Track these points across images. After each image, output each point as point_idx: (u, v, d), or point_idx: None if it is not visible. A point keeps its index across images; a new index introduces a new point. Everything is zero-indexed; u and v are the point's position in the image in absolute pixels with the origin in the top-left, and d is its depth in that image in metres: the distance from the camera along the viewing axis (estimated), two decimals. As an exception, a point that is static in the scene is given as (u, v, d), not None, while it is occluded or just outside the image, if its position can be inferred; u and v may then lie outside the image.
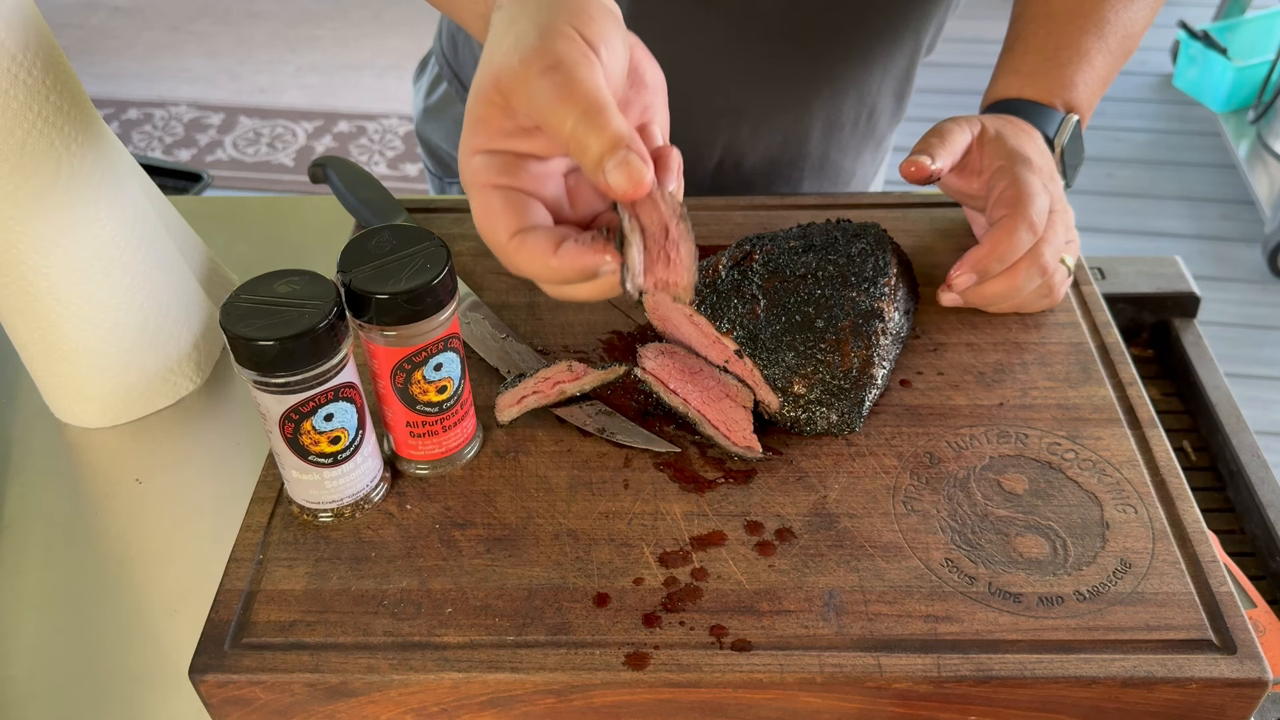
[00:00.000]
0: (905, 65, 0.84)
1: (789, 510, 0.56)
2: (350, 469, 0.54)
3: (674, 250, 0.44)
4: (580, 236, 0.45)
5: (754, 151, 0.85)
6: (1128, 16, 0.73)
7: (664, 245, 0.44)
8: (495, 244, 0.46)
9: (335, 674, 0.49)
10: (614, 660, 0.49)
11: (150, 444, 0.69)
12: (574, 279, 0.45)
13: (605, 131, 0.42)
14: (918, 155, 0.64)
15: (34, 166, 0.60)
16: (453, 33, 0.92)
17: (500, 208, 0.45)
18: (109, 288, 0.65)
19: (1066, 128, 0.71)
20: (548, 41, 0.43)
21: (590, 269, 0.44)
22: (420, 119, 0.99)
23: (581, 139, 0.42)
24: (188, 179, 1.60)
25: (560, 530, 0.55)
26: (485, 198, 0.46)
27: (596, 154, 0.42)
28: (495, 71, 0.44)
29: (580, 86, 0.42)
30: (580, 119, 0.42)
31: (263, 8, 3.31)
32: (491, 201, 0.46)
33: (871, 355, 0.59)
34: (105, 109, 2.88)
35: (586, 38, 0.44)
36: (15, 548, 0.63)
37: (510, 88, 0.44)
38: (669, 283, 0.44)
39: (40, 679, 0.57)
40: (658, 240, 0.44)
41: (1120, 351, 0.65)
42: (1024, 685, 0.49)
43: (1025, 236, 0.63)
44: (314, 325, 0.48)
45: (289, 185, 2.63)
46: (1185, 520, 0.55)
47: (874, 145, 0.92)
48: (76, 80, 0.63)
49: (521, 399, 0.60)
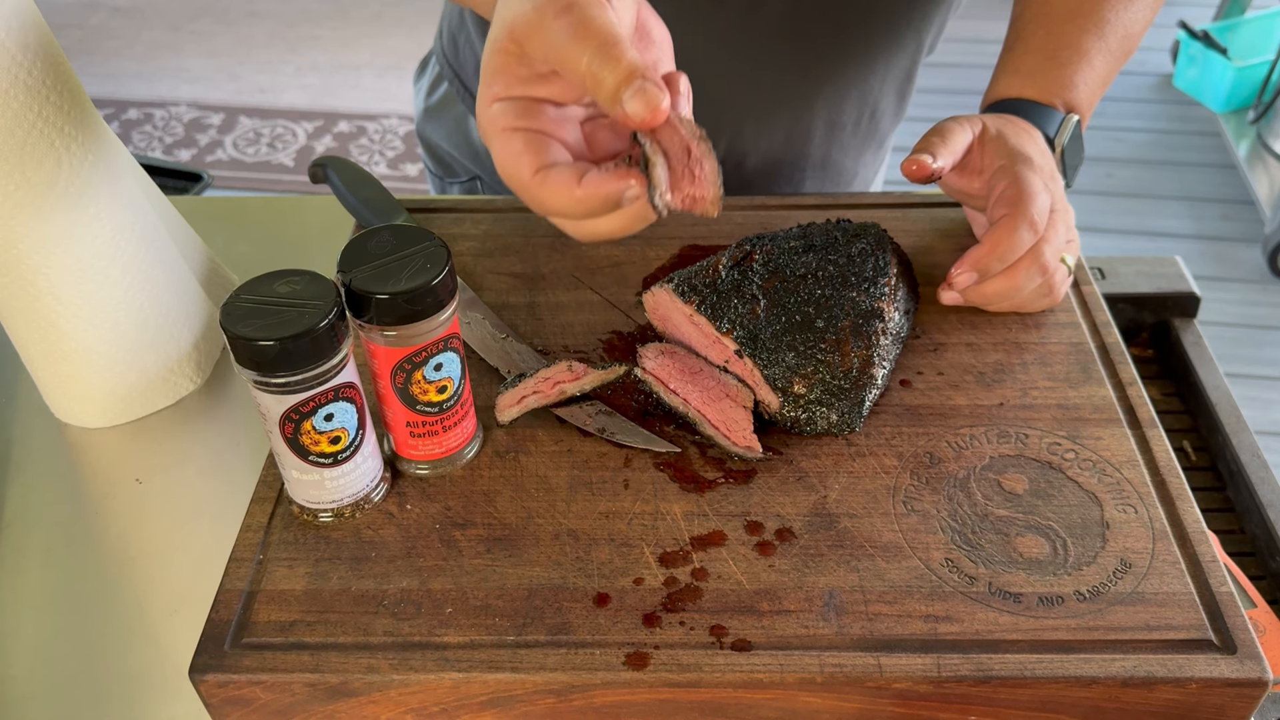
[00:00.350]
0: (907, 65, 0.84)
1: (789, 510, 0.56)
2: (350, 469, 0.54)
3: (697, 167, 0.45)
4: (603, 165, 0.46)
5: (755, 151, 0.85)
6: (1128, 17, 0.73)
7: (687, 164, 0.45)
8: (519, 182, 0.47)
9: (335, 674, 0.49)
10: (614, 660, 0.49)
11: (150, 444, 0.69)
12: (599, 209, 0.46)
13: (620, 64, 0.43)
14: (919, 154, 0.64)
15: (34, 166, 0.60)
16: (453, 32, 0.92)
17: (522, 147, 0.47)
18: (109, 288, 0.65)
19: (1067, 128, 0.71)
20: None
21: (615, 196, 0.45)
22: (421, 119, 0.99)
23: (597, 73, 0.43)
24: (188, 179, 1.60)
25: (560, 530, 0.55)
26: (506, 140, 0.47)
27: (613, 85, 0.43)
28: (510, 21, 0.45)
29: (593, 24, 0.43)
30: (595, 54, 0.43)
31: (263, 8, 3.31)
32: (513, 143, 0.47)
33: (871, 355, 0.59)
34: (105, 109, 2.88)
35: None
36: (15, 548, 0.63)
37: (525, 34, 0.45)
38: (696, 197, 0.45)
39: (40, 679, 0.57)
40: (681, 160, 0.45)
41: (1120, 351, 0.65)
42: (1024, 685, 0.49)
43: (1026, 235, 0.63)
44: (314, 325, 0.48)
45: (289, 185, 2.63)
46: (1185, 520, 0.55)
47: (875, 145, 0.92)
48: (76, 80, 0.63)
49: (521, 399, 0.60)
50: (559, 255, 0.73)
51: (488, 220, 0.76)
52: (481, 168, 0.95)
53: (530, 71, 0.47)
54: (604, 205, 0.46)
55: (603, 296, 0.70)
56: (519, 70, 0.47)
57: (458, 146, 0.95)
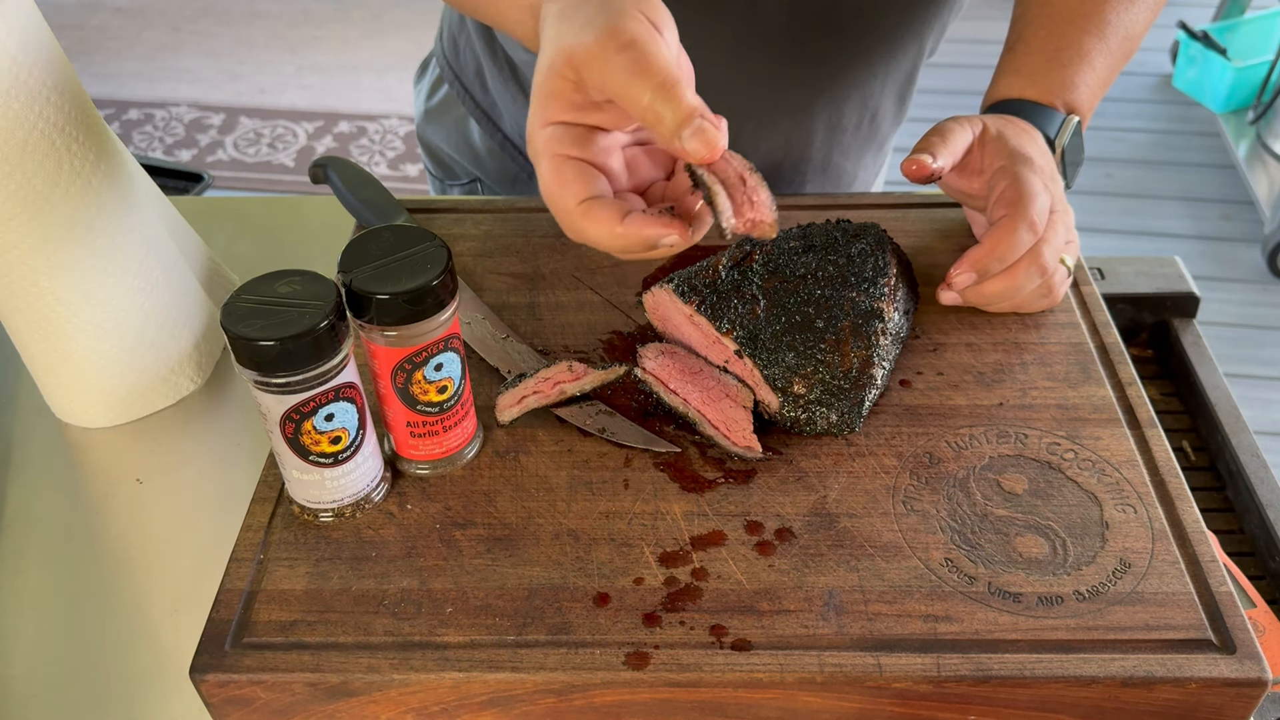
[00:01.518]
0: (908, 68, 0.84)
1: (789, 510, 0.56)
2: (351, 469, 0.55)
3: (754, 194, 0.49)
4: (648, 210, 0.49)
5: (756, 154, 0.85)
6: (1129, 18, 0.73)
7: (744, 191, 0.49)
8: (563, 209, 0.50)
9: (336, 674, 0.49)
10: (614, 660, 0.49)
11: (151, 444, 0.69)
12: (635, 249, 0.49)
13: (681, 104, 0.46)
14: (919, 154, 0.65)
15: (35, 167, 0.60)
16: (454, 35, 0.92)
17: (572, 177, 0.50)
18: (110, 288, 0.65)
19: (1067, 128, 0.71)
20: (620, 23, 0.47)
21: (652, 240, 0.49)
22: (421, 121, 0.99)
23: (659, 111, 0.46)
24: (188, 179, 1.61)
25: (560, 530, 0.55)
26: (558, 166, 0.50)
27: (673, 124, 0.46)
28: (568, 49, 0.48)
29: (654, 62, 0.46)
30: (656, 93, 0.46)
31: (263, 8, 3.31)
32: (564, 171, 0.50)
33: (871, 355, 0.59)
34: (106, 109, 2.88)
35: (652, 20, 0.48)
36: (15, 548, 0.63)
37: (584, 63, 0.47)
38: (756, 221, 0.49)
39: (40, 679, 0.57)
40: (738, 188, 0.49)
41: (1120, 351, 0.65)
42: (1024, 685, 0.49)
43: (1025, 236, 0.63)
44: (314, 325, 0.48)
45: (289, 185, 2.63)
46: (1185, 520, 0.55)
47: (876, 148, 0.92)
48: (77, 81, 0.63)
49: (522, 399, 0.60)
50: (559, 255, 0.73)
51: (488, 220, 0.76)
52: (481, 169, 0.94)
53: (585, 99, 0.49)
54: (641, 246, 0.49)
55: (603, 296, 0.70)
56: (574, 96, 0.49)
57: (458, 148, 0.95)
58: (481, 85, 0.90)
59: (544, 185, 0.51)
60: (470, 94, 0.91)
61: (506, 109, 0.90)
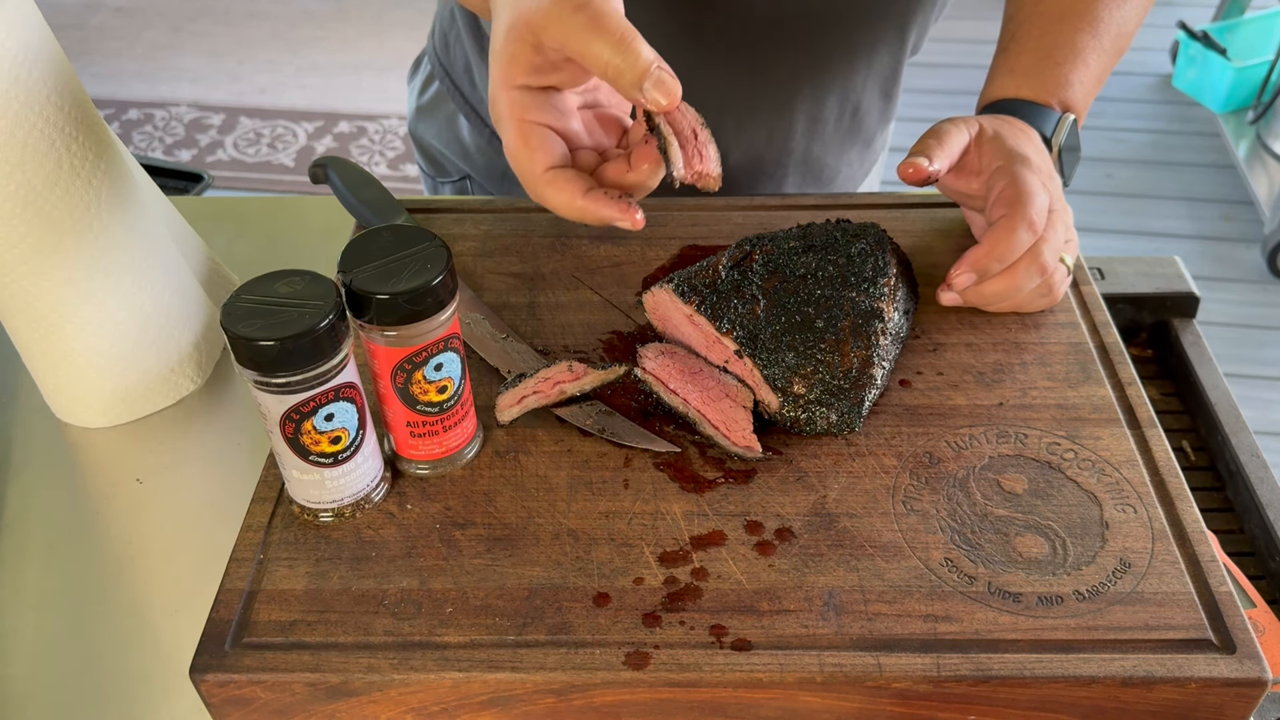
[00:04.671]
0: (890, 63, 0.84)
1: (789, 510, 0.56)
2: (351, 469, 0.55)
3: (703, 149, 0.54)
4: (609, 191, 0.53)
5: (738, 147, 0.85)
6: (1121, 15, 0.73)
7: (695, 145, 0.53)
8: (528, 174, 0.54)
9: (336, 674, 0.49)
10: (614, 660, 0.49)
11: (151, 444, 0.69)
12: (591, 222, 0.53)
13: (639, 57, 0.49)
14: (915, 157, 0.65)
15: (35, 167, 0.60)
16: (445, 32, 0.92)
17: (538, 143, 0.53)
18: (109, 288, 0.65)
19: (1063, 127, 0.71)
20: None
21: (607, 220, 0.53)
22: (413, 118, 0.99)
23: (618, 64, 0.49)
24: (188, 179, 1.60)
25: (560, 530, 0.55)
26: (525, 131, 0.53)
27: (633, 76, 0.50)
28: (526, 13, 0.51)
29: (609, 20, 0.50)
30: (614, 48, 0.49)
31: (263, 8, 3.31)
32: (531, 137, 0.53)
33: (871, 355, 0.59)
34: (106, 109, 2.88)
35: None
36: (15, 548, 0.63)
37: (541, 25, 0.50)
38: (702, 173, 0.54)
39: (40, 679, 0.57)
40: (690, 141, 0.53)
41: (1120, 351, 0.65)
42: (1024, 685, 0.49)
43: (1025, 236, 0.63)
44: (314, 325, 0.48)
45: (289, 185, 2.63)
46: (1185, 520, 0.55)
47: (861, 144, 0.92)
48: (77, 81, 0.63)
49: (521, 399, 0.60)
50: (559, 255, 0.73)
51: (488, 220, 0.76)
52: (472, 167, 0.95)
53: (544, 59, 0.52)
54: (597, 221, 0.53)
55: (603, 296, 0.70)
56: (534, 58, 0.52)
57: (448, 145, 0.95)
58: (470, 82, 0.90)
59: (510, 149, 0.54)
60: (460, 90, 0.92)
61: None
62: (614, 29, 0.49)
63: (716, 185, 0.54)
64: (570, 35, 0.50)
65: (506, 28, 0.52)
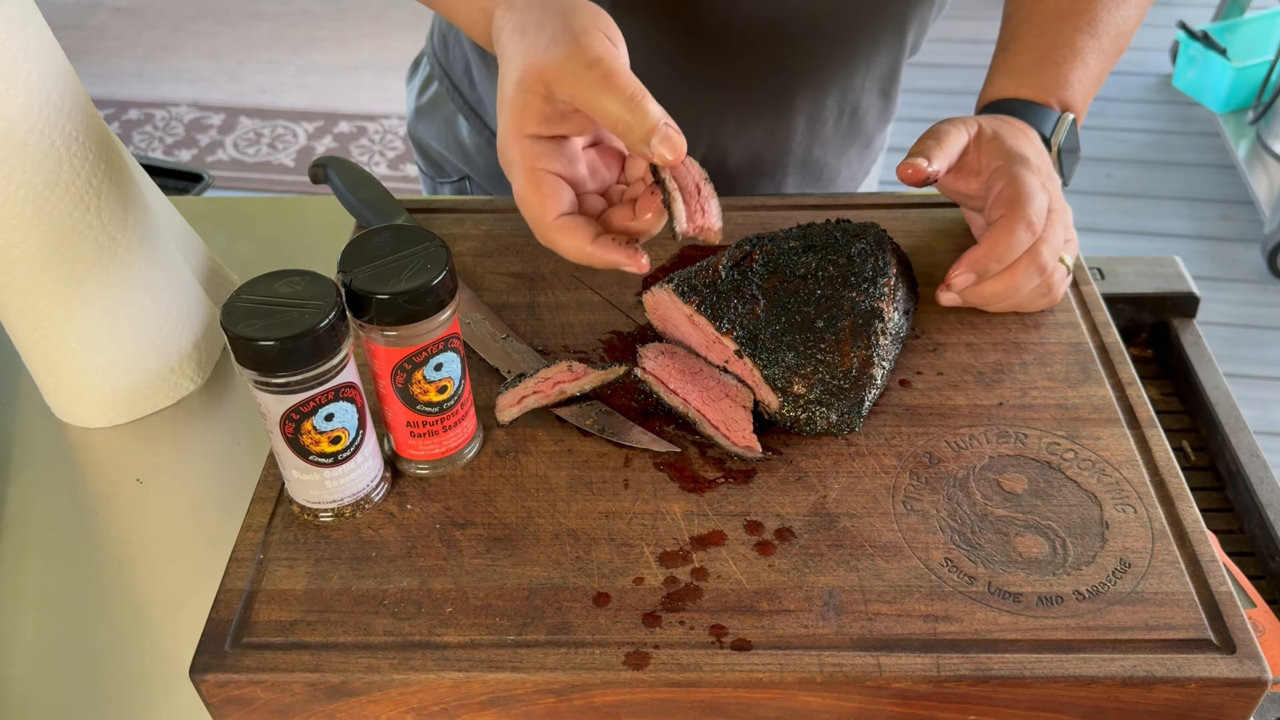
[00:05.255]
0: (889, 63, 0.84)
1: (789, 510, 0.56)
2: (351, 469, 0.55)
3: (705, 204, 0.56)
4: (617, 238, 0.55)
5: (738, 148, 0.85)
6: (1120, 14, 0.73)
7: (699, 200, 0.56)
8: (539, 220, 0.55)
9: (336, 674, 0.49)
10: (614, 660, 0.49)
11: (151, 444, 0.69)
12: (599, 266, 0.55)
13: (647, 115, 0.51)
14: (914, 158, 0.65)
15: (34, 167, 0.60)
16: (444, 33, 0.92)
17: (549, 191, 0.55)
18: (109, 288, 0.65)
19: (1062, 127, 0.71)
20: (585, 40, 0.52)
21: (615, 265, 0.55)
22: (412, 119, 0.99)
23: (628, 121, 0.51)
24: (188, 179, 1.60)
25: (560, 530, 0.55)
26: (536, 179, 0.55)
27: (642, 131, 0.51)
28: (538, 65, 0.53)
29: (619, 78, 0.52)
30: (624, 105, 0.51)
31: (263, 8, 3.31)
32: (542, 185, 0.55)
33: (871, 355, 0.59)
34: (106, 109, 2.88)
35: (610, 37, 0.53)
36: (15, 548, 0.63)
37: (555, 79, 0.52)
38: (704, 227, 0.55)
39: (40, 679, 0.57)
40: (693, 196, 0.55)
41: (1120, 351, 0.65)
42: (1024, 685, 0.49)
43: (1023, 236, 0.63)
44: (314, 325, 0.48)
45: (290, 185, 2.63)
46: (1185, 520, 0.55)
47: (861, 144, 0.92)
48: (77, 81, 0.63)
49: (521, 399, 0.60)
50: (558, 255, 0.73)
51: (488, 220, 0.76)
52: (471, 167, 0.95)
53: (554, 110, 0.54)
54: (604, 265, 0.55)
55: (603, 296, 0.70)
56: (545, 109, 0.54)
57: (447, 146, 0.95)
58: (470, 82, 0.90)
59: (520, 196, 0.55)
60: (459, 91, 0.92)
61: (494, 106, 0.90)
62: (625, 86, 0.51)
63: (717, 239, 0.56)
64: (582, 90, 0.52)
65: (518, 78, 0.54)
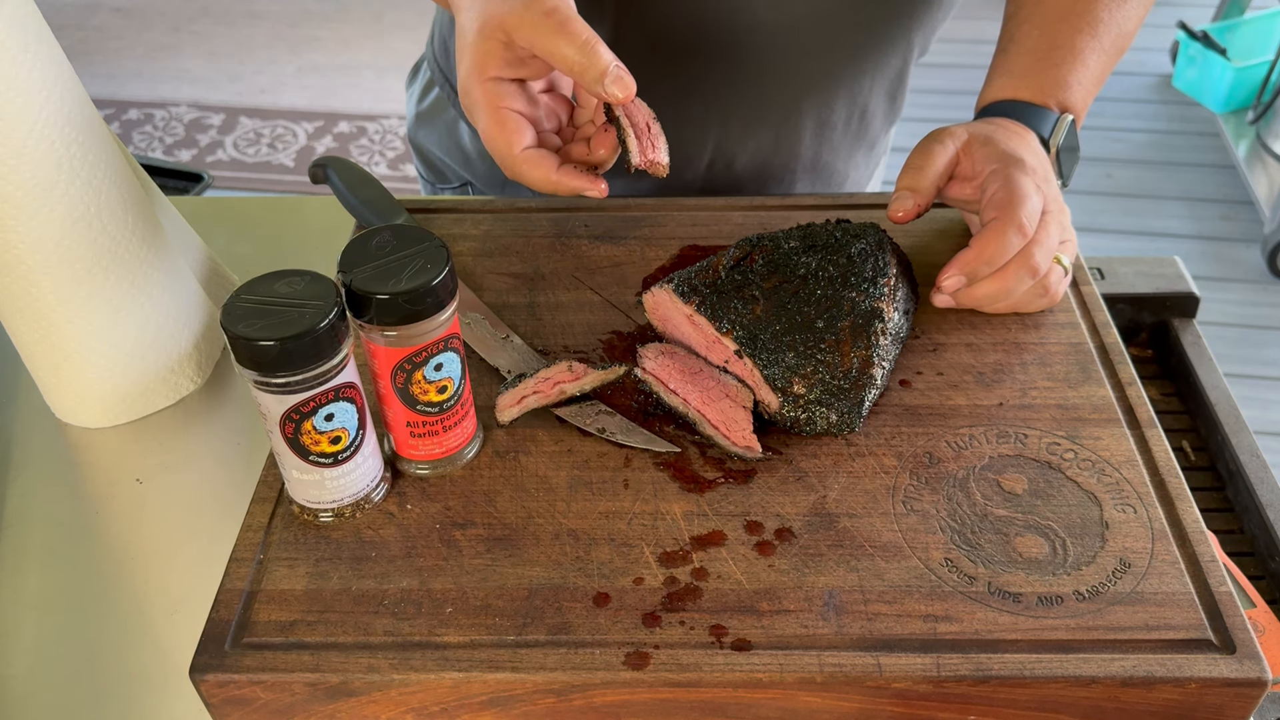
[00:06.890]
0: (898, 66, 0.84)
1: (789, 510, 0.56)
2: (351, 469, 0.55)
3: (655, 140, 0.62)
4: (578, 165, 0.63)
5: (745, 152, 0.85)
6: (1120, 15, 0.73)
7: (649, 136, 0.62)
8: (505, 154, 0.61)
9: (336, 674, 0.49)
10: (614, 660, 0.49)
11: (151, 444, 0.69)
12: (563, 193, 0.62)
13: (600, 59, 0.58)
14: (901, 198, 0.67)
15: (34, 167, 0.60)
16: (444, 37, 0.92)
17: (514, 127, 0.61)
18: (109, 288, 0.65)
19: (1061, 128, 0.71)
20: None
21: (579, 190, 0.62)
22: (412, 125, 0.98)
23: (582, 64, 0.58)
24: (188, 179, 1.60)
25: (560, 530, 0.55)
26: (501, 117, 0.61)
27: (595, 74, 0.58)
28: (498, 15, 0.58)
29: (574, 25, 0.57)
30: (578, 50, 0.57)
31: (263, 8, 3.31)
32: (506, 121, 0.61)
33: (871, 355, 0.59)
34: (105, 109, 2.88)
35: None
36: (15, 548, 0.63)
37: (514, 26, 0.58)
38: (654, 161, 0.62)
39: (40, 679, 0.57)
40: (644, 132, 0.62)
41: (1119, 351, 0.65)
42: (1023, 685, 0.49)
43: (1014, 239, 0.63)
44: (314, 325, 0.48)
45: (289, 185, 2.63)
46: (1184, 520, 0.55)
47: (867, 147, 0.91)
48: (77, 81, 0.63)
49: (521, 399, 0.60)
50: (559, 255, 0.73)
51: (488, 220, 0.76)
52: (473, 173, 0.94)
53: (514, 56, 0.60)
54: (569, 192, 0.62)
55: (603, 296, 0.70)
56: (505, 54, 0.60)
57: (449, 152, 0.95)
58: None
59: (486, 133, 0.61)
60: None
61: None
62: (579, 33, 0.57)
63: (664, 173, 0.62)
64: (540, 37, 0.57)
65: (479, 25, 0.59)
